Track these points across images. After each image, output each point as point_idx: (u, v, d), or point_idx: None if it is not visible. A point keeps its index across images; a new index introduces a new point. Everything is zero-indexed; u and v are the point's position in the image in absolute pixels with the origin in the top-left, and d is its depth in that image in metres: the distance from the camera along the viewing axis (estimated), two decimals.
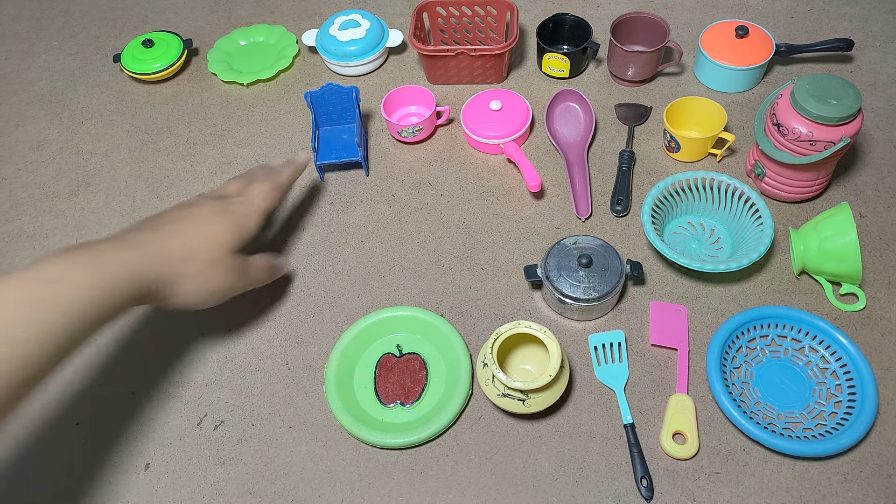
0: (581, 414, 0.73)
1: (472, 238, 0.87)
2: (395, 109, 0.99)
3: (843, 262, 0.74)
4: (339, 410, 0.72)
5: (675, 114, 0.91)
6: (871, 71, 1.01)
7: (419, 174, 0.94)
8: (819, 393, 0.73)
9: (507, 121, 0.94)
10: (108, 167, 0.99)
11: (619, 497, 0.68)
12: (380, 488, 0.69)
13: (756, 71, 0.97)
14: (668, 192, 0.82)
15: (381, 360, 0.77)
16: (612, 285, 0.75)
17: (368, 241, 0.88)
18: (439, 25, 1.05)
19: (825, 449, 0.66)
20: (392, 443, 0.70)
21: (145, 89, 1.09)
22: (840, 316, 0.78)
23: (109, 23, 1.21)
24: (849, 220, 0.74)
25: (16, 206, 0.96)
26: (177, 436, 0.74)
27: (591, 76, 1.03)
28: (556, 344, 0.67)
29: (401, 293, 0.83)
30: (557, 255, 0.78)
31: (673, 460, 0.69)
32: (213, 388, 0.77)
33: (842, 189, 0.88)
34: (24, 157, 1.02)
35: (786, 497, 0.67)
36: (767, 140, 0.81)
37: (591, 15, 1.10)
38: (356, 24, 1.05)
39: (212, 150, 1.00)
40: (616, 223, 0.87)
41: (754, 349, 0.76)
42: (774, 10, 1.10)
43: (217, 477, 0.71)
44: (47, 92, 1.10)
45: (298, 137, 1.00)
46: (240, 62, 1.10)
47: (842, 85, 0.76)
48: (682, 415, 0.71)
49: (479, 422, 0.73)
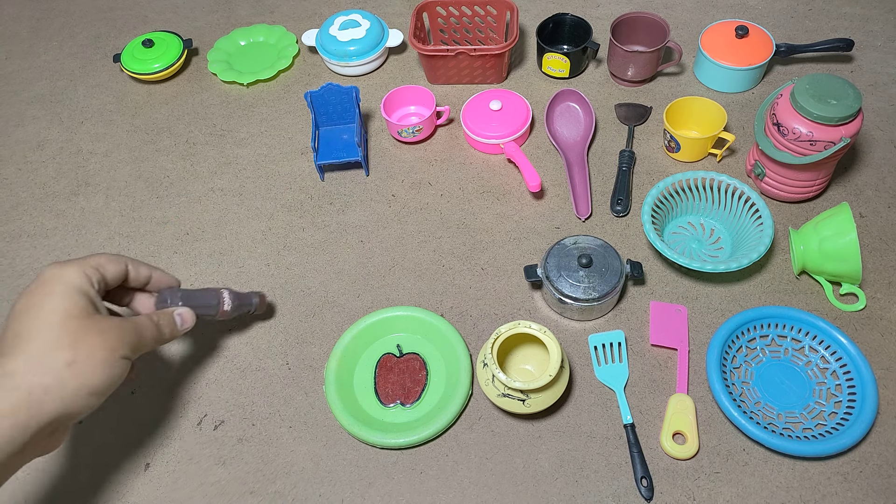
0: (581, 414, 0.73)
1: (472, 238, 0.87)
2: (395, 109, 0.99)
3: (843, 262, 0.74)
4: (339, 410, 0.72)
5: (675, 114, 0.91)
6: (871, 71, 1.01)
7: (419, 174, 0.94)
8: (819, 393, 0.73)
9: (507, 121, 0.94)
10: (108, 167, 0.99)
11: (619, 497, 0.68)
12: (380, 488, 0.69)
13: (756, 71, 0.97)
14: (668, 192, 0.82)
15: (381, 360, 0.77)
16: (612, 285, 0.75)
17: (368, 241, 0.88)
18: (439, 25, 1.05)
19: (825, 449, 0.66)
20: (392, 443, 0.70)
21: (145, 89, 1.09)
22: (840, 316, 0.78)
23: (109, 23, 1.21)
24: (849, 220, 0.74)
25: (16, 206, 0.96)
26: (177, 436, 0.74)
27: (591, 76, 1.03)
28: (556, 344, 0.67)
29: (401, 293, 0.83)
30: (557, 255, 0.78)
31: (673, 460, 0.69)
32: (213, 388, 0.77)
33: (842, 189, 0.88)
34: (24, 157, 1.02)
35: (786, 497, 0.67)
36: (767, 140, 0.81)
37: (591, 15, 1.10)
38: (356, 24, 1.05)
39: (212, 150, 1.00)
40: (616, 223, 0.87)
41: (754, 349, 0.76)
42: (774, 10, 1.10)
43: (217, 477, 0.71)
44: (47, 92, 1.10)
45: (298, 137, 1.00)
46: (240, 62, 1.10)
47: (842, 85, 0.76)
48: (682, 415, 0.71)
49: (479, 422, 0.73)
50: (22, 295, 0.58)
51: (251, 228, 0.90)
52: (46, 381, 0.53)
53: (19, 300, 0.57)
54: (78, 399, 0.55)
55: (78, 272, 0.59)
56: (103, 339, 0.57)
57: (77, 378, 0.55)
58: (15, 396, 0.52)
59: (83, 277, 0.59)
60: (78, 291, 0.58)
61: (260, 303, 0.79)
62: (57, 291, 0.57)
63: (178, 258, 0.88)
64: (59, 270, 0.59)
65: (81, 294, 0.58)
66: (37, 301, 0.57)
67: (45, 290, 0.57)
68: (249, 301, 0.77)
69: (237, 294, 0.75)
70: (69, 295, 0.57)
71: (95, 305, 0.59)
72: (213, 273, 0.86)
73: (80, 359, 0.55)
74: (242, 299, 0.75)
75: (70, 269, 0.59)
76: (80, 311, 0.57)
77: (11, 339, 0.55)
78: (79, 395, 0.55)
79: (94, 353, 0.56)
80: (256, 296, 0.78)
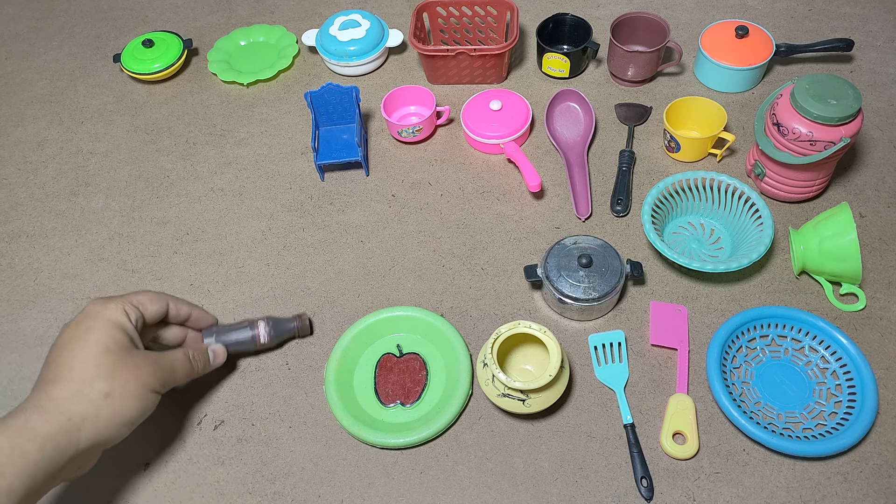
0: (581, 414, 0.73)
1: (472, 238, 0.87)
2: (395, 109, 0.99)
3: (844, 262, 0.74)
4: (339, 410, 0.72)
5: (675, 114, 0.91)
6: (871, 71, 1.01)
7: (419, 174, 0.94)
8: (819, 393, 0.73)
9: (507, 121, 0.94)
10: (108, 167, 0.99)
11: (619, 497, 0.68)
12: (380, 488, 0.69)
13: (756, 71, 0.97)
14: (668, 192, 0.82)
15: (381, 360, 0.77)
16: (612, 285, 0.75)
17: (368, 241, 0.88)
18: (439, 25, 1.05)
19: (825, 449, 0.66)
20: (392, 443, 0.70)
21: (145, 89, 1.09)
22: (840, 316, 0.78)
23: (109, 23, 1.21)
24: (849, 220, 0.74)
25: (16, 206, 0.96)
26: (177, 436, 0.74)
27: (591, 76, 1.03)
28: (556, 344, 0.67)
29: (401, 293, 0.83)
30: (557, 255, 0.78)
31: (673, 460, 0.69)
32: (212, 388, 0.77)
33: (842, 189, 0.88)
34: (24, 157, 1.02)
35: (786, 497, 0.67)
36: (767, 140, 0.81)
37: (591, 15, 1.10)
38: (356, 24, 1.05)
39: (212, 150, 1.00)
40: (616, 223, 0.87)
41: (754, 349, 0.76)
42: (774, 10, 1.10)
43: (217, 477, 0.71)
44: (47, 92, 1.10)
45: (298, 137, 1.00)
46: (240, 62, 1.10)
47: (842, 85, 0.76)
48: (682, 415, 0.71)
49: (479, 422, 0.73)
50: (65, 328, 0.62)
51: (251, 228, 0.90)
52: (85, 410, 0.58)
53: (63, 333, 0.62)
54: (111, 428, 0.60)
55: (118, 309, 0.63)
56: (137, 375, 0.61)
57: (112, 408, 0.59)
58: (57, 421, 0.57)
59: (123, 314, 0.63)
60: (117, 327, 0.62)
61: (300, 326, 0.78)
62: (98, 326, 0.61)
63: (179, 258, 0.88)
64: (101, 307, 0.63)
65: (120, 330, 0.62)
66: (79, 335, 0.61)
67: (86, 325, 0.61)
68: (288, 328, 0.77)
69: (275, 322, 0.77)
70: (109, 330, 0.61)
71: (133, 341, 0.63)
72: (212, 273, 0.86)
73: (115, 391, 0.59)
74: (279, 328, 0.77)
75: (112, 305, 0.64)
76: (118, 346, 0.61)
77: (55, 369, 0.59)
78: (112, 425, 0.60)
79: (128, 386, 0.60)
80: (297, 319, 0.78)
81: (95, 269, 0.88)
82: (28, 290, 0.87)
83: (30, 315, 0.85)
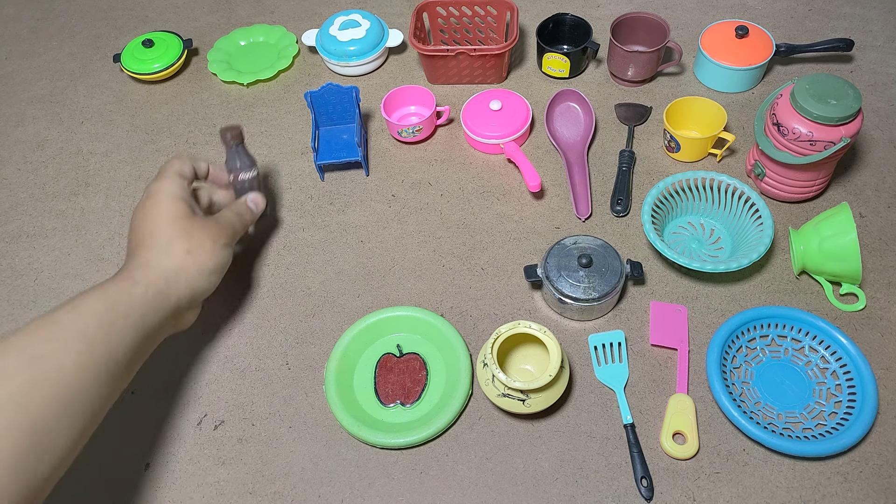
0: (581, 414, 0.73)
1: (472, 238, 0.87)
2: (395, 109, 0.99)
3: (844, 262, 0.74)
4: (339, 410, 0.72)
5: (675, 114, 0.91)
6: (871, 71, 1.01)
7: (419, 174, 0.94)
8: (819, 393, 0.73)
9: (507, 121, 0.94)
10: (108, 167, 0.99)
11: (619, 497, 0.68)
12: (380, 488, 0.69)
13: (756, 71, 0.97)
14: (668, 192, 0.82)
15: (381, 360, 0.77)
16: (612, 285, 0.75)
17: (368, 241, 0.88)
18: (439, 25, 1.05)
19: (825, 449, 0.66)
20: (392, 443, 0.70)
21: (145, 89, 1.09)
22: (840, 316, 0.78)
23: (109, 23, 1.21)
24: (849, 220, 0.74)
25: (16, 206, 0.96)
26: (177, 436, 0.74)
27: (591, 76, 1.03)
28: (556, 344, 0.67)
29: (401, 293, 0.83)
30: (557, 255, 0.78)
31: (673, 460, 0.69)
32: (213, 388, 0.77)
33: (842, 189, 0.88)
34: (24, 157, 1.02)
35: (786, 497, 0.67)
36: (767, 140, 0.81)
37: (591, 15, 1.10)
38: (356, 24, 1.05)
39: (212, 150, 1.00)
40: (616, 223, 0.87)
41: (754, 349, 0.76)
42: (774, 10, 1.10)
43: (217, 477, 0.71)
44: (47, 92, 1.10)
45: (298, 137, 1.00)
46: (240, 62, 1.10)
47: (842, 85, 0.76)
48: (682, 415, 0.71)
49: (479, 422, 0.73)
50: (136, 210, 0.71)
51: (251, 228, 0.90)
52: (175, 264, 0.68)
53: (135, 215, 0.71)
54: (201, 277, 0.70)
55: (174, 183, 0.72)
56: (207, 233, 0.71)
57: (196, 262, 0.69)
58: (154, 273, 0.66)
59: (179, 187, 0.72)
60: (178, 199, 0.71)
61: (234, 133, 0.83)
62: (162, 200, 0.70)
63: None
64: (160, 184, 0.72)
65: (181, 201, 0.71)
66: (149, 212, 0.70)
67: (152, 202, 0.70)
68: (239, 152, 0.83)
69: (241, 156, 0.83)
70: (173, 202, 0.70)
71: (192, 208, 0.72)
72: None
73: (193, 248, 0.69)
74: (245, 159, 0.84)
75: (167, 182, 0.72)
76: (182, 213, 0.70)
77: (139, 241, 0.69)
78: (201, 274, 0.69)
79: (205, 242, 0.70)
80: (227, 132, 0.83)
81: (95, 269, 0.88)
82: (28, 290, 0.87)
83: (30, 315, 0.85)
